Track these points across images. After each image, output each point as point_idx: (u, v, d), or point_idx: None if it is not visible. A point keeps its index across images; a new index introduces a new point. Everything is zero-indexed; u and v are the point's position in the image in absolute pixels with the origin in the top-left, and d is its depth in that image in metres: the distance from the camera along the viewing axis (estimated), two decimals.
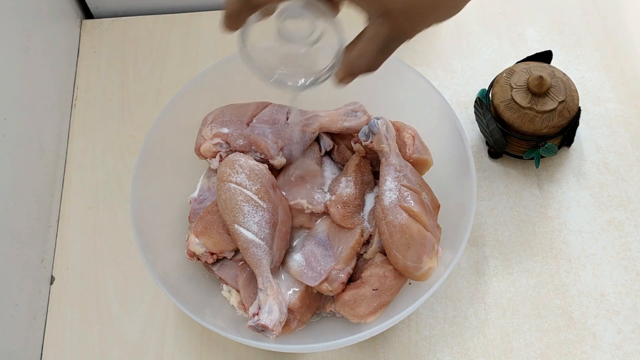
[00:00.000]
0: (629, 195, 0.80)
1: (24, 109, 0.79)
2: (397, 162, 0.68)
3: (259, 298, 0.64)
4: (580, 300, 0.74)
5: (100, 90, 0.92)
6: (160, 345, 0.74)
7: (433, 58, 0.91)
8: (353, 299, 0.66)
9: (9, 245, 0.73)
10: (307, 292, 0.67)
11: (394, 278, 0.67)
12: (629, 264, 0.76)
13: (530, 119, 0.76)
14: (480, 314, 0.74)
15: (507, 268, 0.76)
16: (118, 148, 0.87)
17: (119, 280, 0.78)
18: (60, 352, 0.75)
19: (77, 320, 0.77)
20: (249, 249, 0.65)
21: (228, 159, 0.70)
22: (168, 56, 0.94)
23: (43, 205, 0.81)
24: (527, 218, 0.79)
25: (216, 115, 0.73)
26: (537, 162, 0.79)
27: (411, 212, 0.65)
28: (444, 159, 0.73)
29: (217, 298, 0.71)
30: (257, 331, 0.63)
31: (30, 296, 0.76)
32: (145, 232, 0.68)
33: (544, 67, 0.78)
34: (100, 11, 0.98)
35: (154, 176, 0.72)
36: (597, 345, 0.72)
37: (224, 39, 0.94)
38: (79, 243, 0.81)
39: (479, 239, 0.78)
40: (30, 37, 0.82)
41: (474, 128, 0.85)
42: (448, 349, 0.72)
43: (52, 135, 0.85)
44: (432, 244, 0.66)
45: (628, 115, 0.85)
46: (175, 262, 0.70)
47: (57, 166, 0.85)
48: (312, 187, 0.71)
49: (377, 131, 0.68)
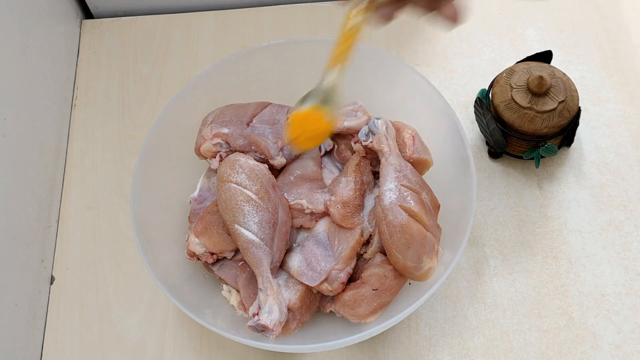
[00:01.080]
0: (629, 195, 0.80)
1: (24, 109, 0.79)
2: (397, 162, 0.68)
3: (259, 298, 0.64)
4: (580, 300, 0.74)
5: (100, 90, 0.92)
6: (160, 345, 0.74)
7: (433, 58, 0.91)
8: (353, 299, 0.66)
9: (9, 245, 0.73)
10: (307, 292, 0.67)
11: (394, 278, 0.67)
12: (629, 264, 0.76)
13: (530, 119, 0.76)
14: (480, 314, 0.74)
15: (507, 268, 0.76)
16: (118, 148, 0.87)
17: (119, 280, 0.78)
18: (60, 352, 0.75)
19: (77, 320, 0.77)
20: (249, 249, 0.65)
21: (228, 159, 0.70)
22: (168, 56, 0.94)
23: (43, 205, 0.81)
24: (527, 218, 0.79)
25: (216, 115, 0.73)
26: (537, 162, 0.79)
27: (411, 212, 0.65)
28: (444, 159, 0.73)
29: (217, 298, 0.71)
30: (257, 331, 0.63)
31: (30, 296, 0.76)
32: (145, 232, 0.68)
33: (544, 67, 0.78)
34: (100, 11, 0.98)
35: (154, 176, 0.72)
36: (597, 345, 0.72)
37: (224, 39, 0.95)
38: (79, 243, 0.81)
39: (479, 239, 0.78)
40: (30, 37, 0.82)
41: (474, 128, 0.85)
42: (448, 349, 0.72)
43: (52, 135, 0.85)
44: (432, 244, 0.66)
45: (628, 115, 0.85)
46: (175, 262, 0.70)
47: (57, 166, 0.85)
48: (312, 187, 0.71)
49: (377, 131, 0.68)
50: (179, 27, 0.96)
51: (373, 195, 0.71)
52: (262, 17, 0.96)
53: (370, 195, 0.71)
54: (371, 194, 0.71)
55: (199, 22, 0.96)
